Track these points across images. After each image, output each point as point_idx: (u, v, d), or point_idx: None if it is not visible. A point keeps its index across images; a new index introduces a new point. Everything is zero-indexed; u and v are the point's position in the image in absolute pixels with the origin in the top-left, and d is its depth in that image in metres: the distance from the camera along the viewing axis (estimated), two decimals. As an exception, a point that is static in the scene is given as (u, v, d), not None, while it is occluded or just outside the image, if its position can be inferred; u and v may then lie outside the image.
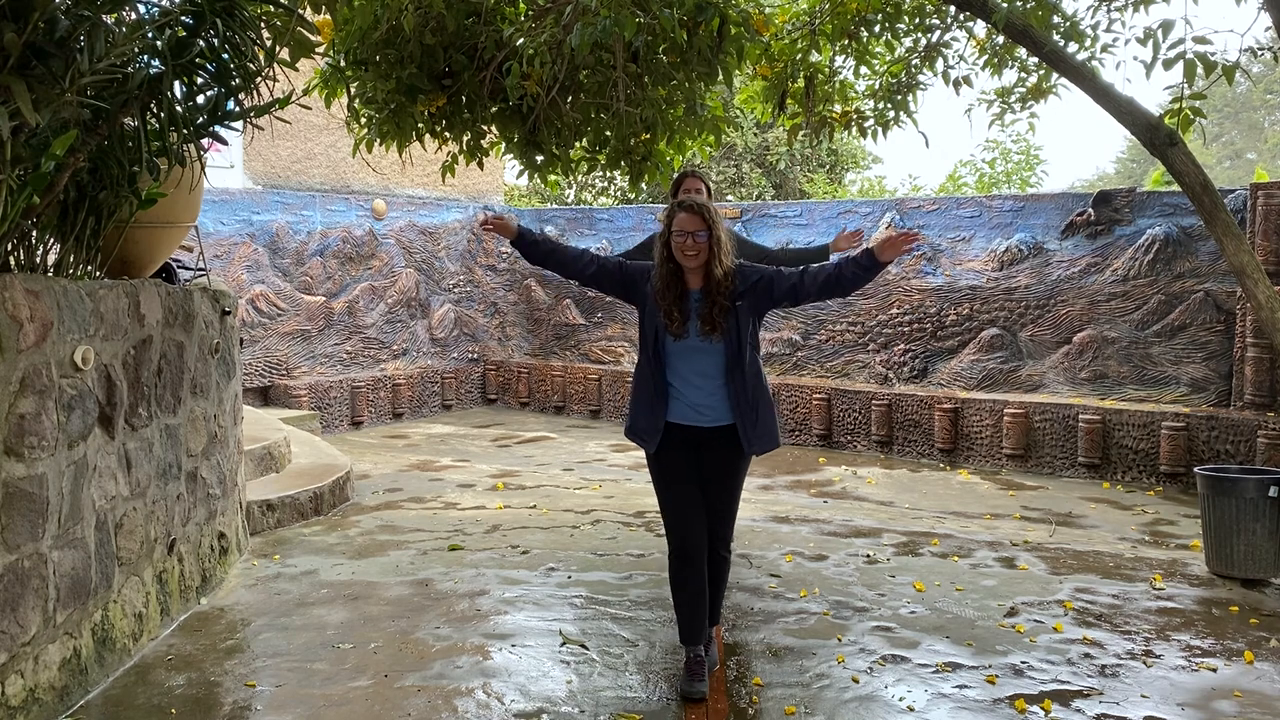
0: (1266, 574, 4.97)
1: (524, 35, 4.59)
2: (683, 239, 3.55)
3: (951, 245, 8.71)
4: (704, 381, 3.64)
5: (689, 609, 3.68)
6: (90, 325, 3.51)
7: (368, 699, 3.57)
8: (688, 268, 3.59)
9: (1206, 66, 4.40)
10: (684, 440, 3.69)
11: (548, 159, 5.30)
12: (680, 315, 3.60)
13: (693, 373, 3.64)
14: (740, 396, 3.62)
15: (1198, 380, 7.57)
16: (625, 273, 3.77)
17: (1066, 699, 3.62)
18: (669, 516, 3.72)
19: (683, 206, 3.61)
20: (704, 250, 3.55)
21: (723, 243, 3.58)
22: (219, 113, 3.69)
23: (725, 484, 3.75)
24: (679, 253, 3.56)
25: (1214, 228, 4.90)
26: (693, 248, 3.54)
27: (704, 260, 3.56)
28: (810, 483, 7.59)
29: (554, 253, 3.85)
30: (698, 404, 3.66)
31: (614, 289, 3.81)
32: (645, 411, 3.72)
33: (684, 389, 3.66)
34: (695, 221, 3.56)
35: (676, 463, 3.70)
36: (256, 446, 6.42)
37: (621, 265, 3.80)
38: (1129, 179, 27.48)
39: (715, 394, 3.64)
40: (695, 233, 3.54)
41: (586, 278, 3.80)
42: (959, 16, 5.77)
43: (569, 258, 3.83)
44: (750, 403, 3.63)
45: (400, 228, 10.74)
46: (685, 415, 3.67)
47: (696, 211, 3.57)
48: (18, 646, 3.12)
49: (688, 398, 3.66)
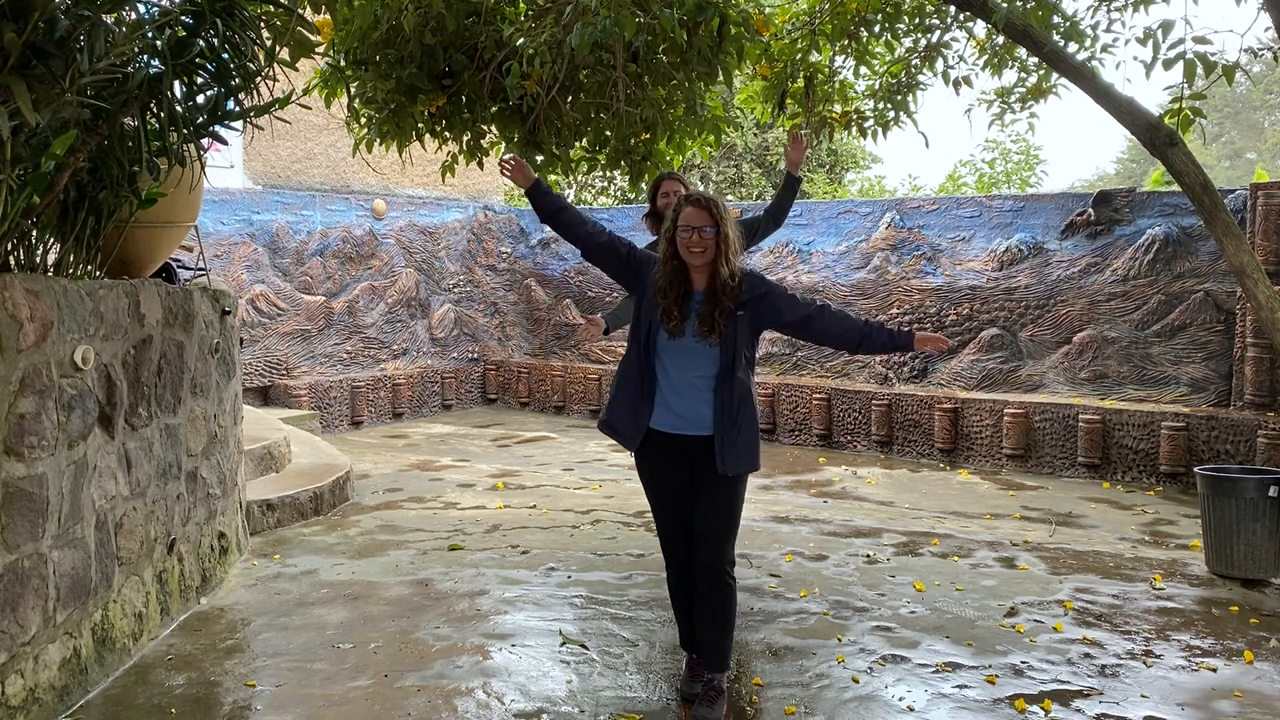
0: (1266, 574, 4.97)
1: (524, 35, 4.58)
2: (689, 234, 3.34)
3: (951, 245, 8.71)
4: (691, 386, 3.42)
5: (685, 618, 3.63)
6: (90, 325, 3.51)
7: (368, 699, 3.57)
8: (693, 265, 3.39)
9: (1206, 66, 4.40)
10: (668, 450, 3.49)
11: (548, 159, 5.30)
12: (680, 314, 3.40)
13: (681, 374, 3.43)
14: (725, 409, 3.39)
15: (1198, 380, 7.57)
16: (633, 258, 3.57)
17: (1066, 699, 3.62)
18: (658, 530, 3.64)
19: (690, 200, 3.40)
20: (711, 247, 3.34)
21: (731, 241, 3.38)
22: (219, 113, 3.69)
23: (709, 502, 3.46)
24: (684, 249, 3.36)
25: (1214, 228, 4.90)
26: (699, 244, 3.34)
27: (711, 258, 3.36)
28: (810, 483, 7.59)
29: (566, 209, 3.63)
30: (681, 411, 3.44)
31: (617, 269, 3.60)
32: (627, 413, 3.52)
33: (669, 393, 3.44)
34: (703, 216, 3.35)
35: (661, 474, 3.54)
36: (256, 446, 6.42)
37: (632, 249, 3.60)
38: (1129, 179, 27.47)
39: (700, 401, 3.41)
40: (703, 228, 3.33)
41: (593, 245, 3.59)
42: (959, 16, 5.77)
43: (580, 218, 3.62)
44: (733, 417, 3.39)
45: (400, 228, 10.74)
46: (668, 422, 3.46)
47: (705, 206, 3.35)
48: (18, 646, 3.12)
49: (672, 404, 3.44)
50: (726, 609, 3.47)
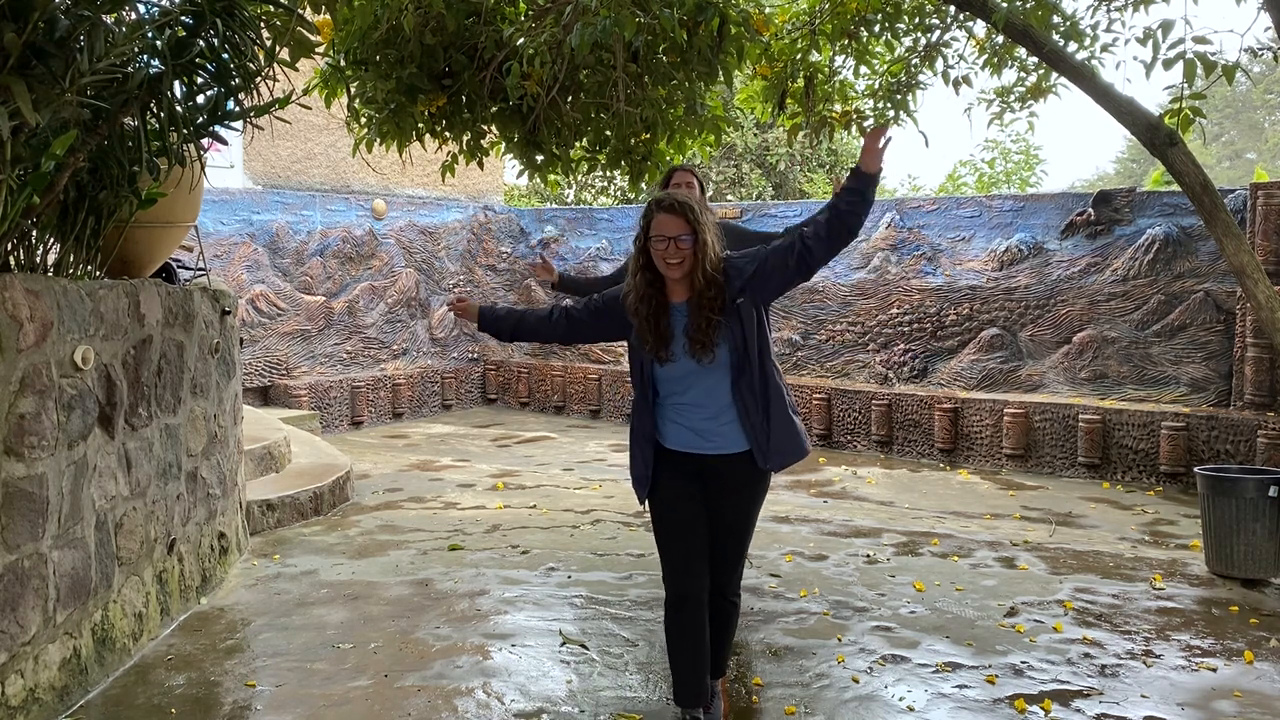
0: (1266, 574, 4.97)
1: (524, 35, 4.58)
2: (663, 245, 2.96)
3: (951, 245, 8.71)
4: (703, 408, 3.08)
5: (688, 662, 3.15)
6: (90, 325, 3.51)
7: (368, 699, 3.57)
8: (670, 278, 3.03)
9: (1206, 66, 4.40)
10: (685, 470, 3.15)
11: (548, 159, 5.30)
12: (663, 334, 3.04)
13: (689, 399, 3.09)
14: (751, 414, 3.06)
15: (1198, 380, 7.57)
16: (599, 308, 3.21)
17: (1066, 699, 3.62)
18: (666, 560, 3.17)
19: (661, 206, 3.00)
20: (688, 258, 2.97)
21: (710, 247, 3.00)
22: (219, 113, 3.69)
23: (736, 521, 3.18)
24: (660, 260, 3.00)
25: (1214, 228, 4.90)
26: (675, 255, 2.96)
27: (689, 270, 2.98)
28: (810, 483, 7.59)
29: (521, 323, 3.35)
30: (700, 429, 3.10)
31: (596, 333, 3.29)
32: (638, 456, 3.20)
33: (683, 414, 3.11)
34: (676, 224, 2.96)
35: (676, 497, 3.15)
36: (256, 446, 6.42)
37: (590, 304, 3.24)
38: (1129, 179, 27.47)
39: (720, 417, 3.08)
40: (677, 237, 2.95)
41: (561, 336, 3.32)
42: (959, 16, 5.77)
43: (536, 323, 3.34)
44: (762, 414, 3.06)
45: (400, 228, 10.74)
46: (686, 441, 3.12)
47: (679, 211, 2.97)
48: (18, 646, 3.12)
49: (688, 420, 3.11)
50: (729, 625, 3.32)
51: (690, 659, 3.14)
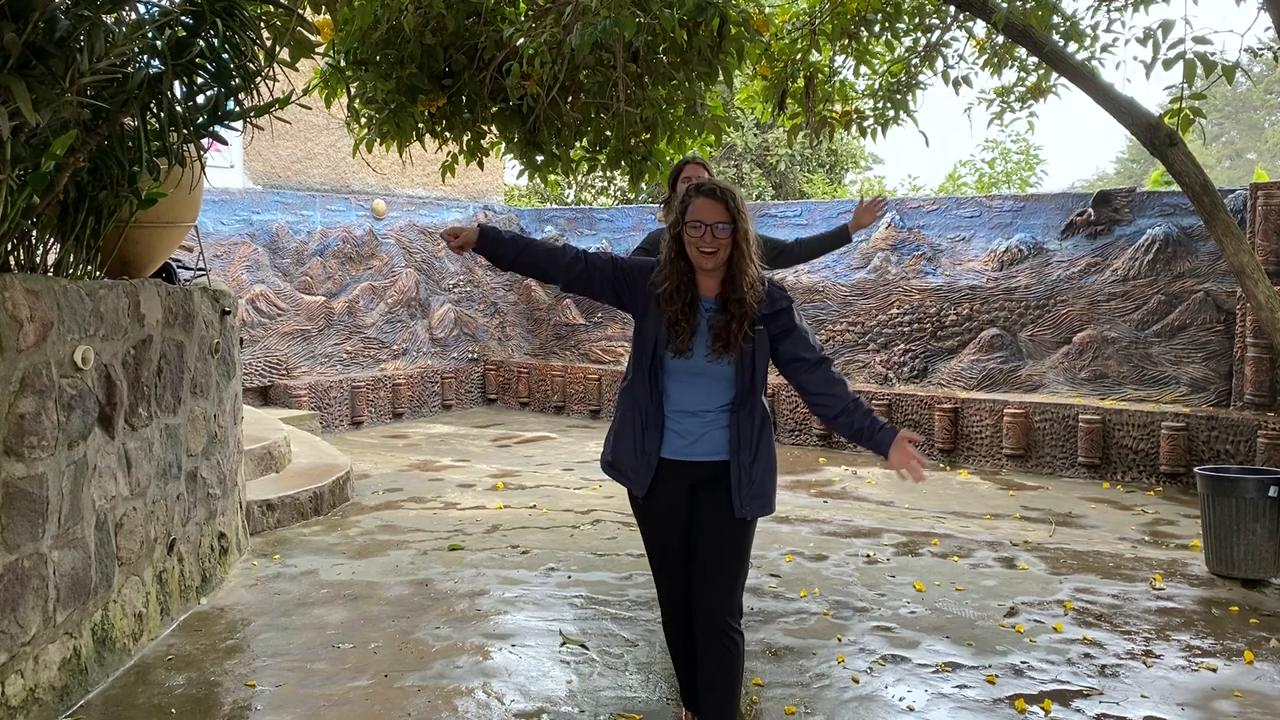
0: (1266, 574, 4.97)
1: (524, 35, 4.58)
2: (700, 231, 2.82)
3: (951, 245, 8.71)
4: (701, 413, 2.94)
5: (688, 673, 3.16)
6: (90, 325, 3.51)
7: (368, 699, 3.57)
8: (703, 268, 2.87)
9: (1206, 66, 4.40)
10: (672, 480, 2.98)
11: (548, 159, 5.30)
12: (688, 327, 2.87)
13: (690, 399, 2.94)
14: (744, 437, 2.92)
15: (1198, 380, 7.57)
16: (620, 271, 3.02)
17: (1066, 699, 3.62)
18: (655, 576, 3.12)
19: (701, 190, 2.86)
20: (725, 247, 2.83)
21: (752, 239, 2.88)
22: (219, 113, 3.69)
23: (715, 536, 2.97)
24: (693, 249, 2.85)
25: (1214, 228, 4.90)
26: (711, 243, 2.82)
27: (724, 259, 2.85)
28: (810, 483, 7.59)
29: (527, 250, 3.06)
30: (688, 432, 2.94)
31: (605, 291, 3.04)
32: (632, 444, 2.98)
33: (677, 416, 2.95)
34: (717, 210, 2.82)
35: (662, 509, 3.01)
36: (256, 446, 6.42)
37: (615, 262, 3.05)
38: (1129, 179, 27.48)
39: (713, 424, 2.94)
40: (716, 224, 2.81)
41: (571, 278, 3.03)
42: (959, 16, 5.77)
43: (545, 254, 3.05)
44: (752, 448, 2.93)
45: (400, 228, 10.74)
46: (674, 448, 2.96)
47: (720, 198, 2.83)
48: (18, 646, 3.12)
49: (679, 424, 2.95)
50: (733, 667, 2.94)
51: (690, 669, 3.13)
